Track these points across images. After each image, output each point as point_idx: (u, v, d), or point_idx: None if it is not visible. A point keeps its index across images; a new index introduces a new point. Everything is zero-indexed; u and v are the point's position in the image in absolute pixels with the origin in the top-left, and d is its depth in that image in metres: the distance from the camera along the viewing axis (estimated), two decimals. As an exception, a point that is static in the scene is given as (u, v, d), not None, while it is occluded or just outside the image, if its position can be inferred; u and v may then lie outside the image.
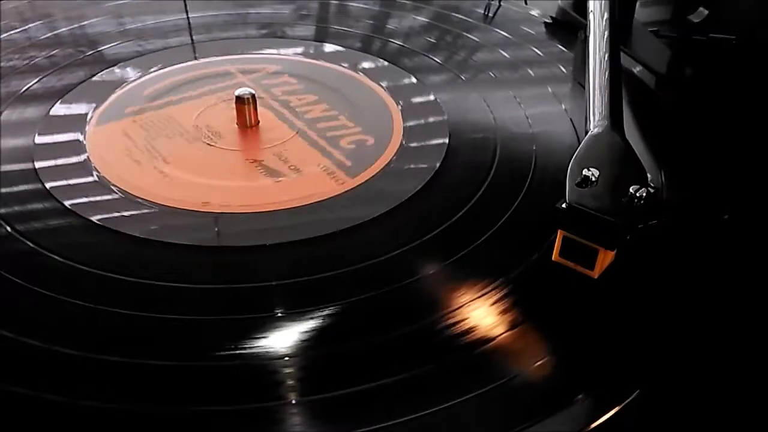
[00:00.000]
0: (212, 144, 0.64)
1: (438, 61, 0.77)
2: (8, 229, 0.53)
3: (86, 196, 0.57)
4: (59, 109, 0.68)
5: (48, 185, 0.57)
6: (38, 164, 0.60)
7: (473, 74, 0.75)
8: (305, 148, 0.63)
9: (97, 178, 0.59)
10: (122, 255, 0.51)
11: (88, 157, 0.61)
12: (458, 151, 0.63)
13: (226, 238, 0.54)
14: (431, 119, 0.68)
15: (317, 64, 0.77)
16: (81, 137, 0.64)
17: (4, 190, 0.57)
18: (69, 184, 0.58)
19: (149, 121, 0.66)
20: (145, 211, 0.56)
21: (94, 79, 0.73)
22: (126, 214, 0.55)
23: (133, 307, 0.47)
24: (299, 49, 0.79)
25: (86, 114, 0.67)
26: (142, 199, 0.57)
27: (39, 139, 0.63)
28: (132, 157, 0.62)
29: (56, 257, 0.51)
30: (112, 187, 0.58)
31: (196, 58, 0.77)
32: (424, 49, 0.79)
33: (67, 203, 0.56)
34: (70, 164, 0.61)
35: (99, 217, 0.54)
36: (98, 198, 0.57)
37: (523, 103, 0.70)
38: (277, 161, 0.62)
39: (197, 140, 0.64)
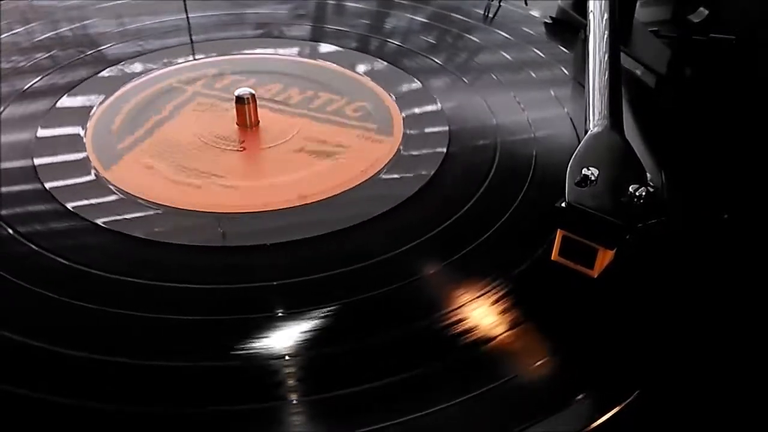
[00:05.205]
0: (242, 149, 0.63)
1: (438, 61, 0.77)
2: (10, 230, 0.53)
3: (89, 198, 0.57)
4: (61, 105, 0.68)
5: (47, 185, 0.58)
6: (38, 161, 0.60)
7: (473, 75, 0.75)
8: (326, 126, 0.64)
9: (120, 195, 0.58)
10: (123, 256, 0.51)
11: (121, 190, 0.58)
12: (458, 150, 0.63)
13: (227, 239, 0.54)
14: (431, 120, 0.67)
15: (267, 57, 0.77)
16: (82, 132, 0.64)
17: (4, 189, 0.58)
18: (70, 184, 0.58)
19: (153, 150, 0.62)
20: (150, 212, 0.56)
21: (94, 78, 0.72)
22: (129, 216, 0.55)
23: (132, 307, 0.47)
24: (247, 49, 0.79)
25: (89, 109, 0.67)
26: (143, 199, 0.57)
27: (41, 133, 0.63)
28: (184, 182, 0.59)
29: (58, 258, 0.51)
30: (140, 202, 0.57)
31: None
32: (423, 50, 0.79)
33: (69, 205, 0.56)
34: (68, 162, 0.61)
35: (105, 220, 0.55)
36: (103, 199, 0.57)
37: (523, 103, 0.70)
38: (317, 144, 0.62)
39: (225, 150, 0.63)
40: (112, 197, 0.57)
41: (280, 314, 0.47)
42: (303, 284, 0.49)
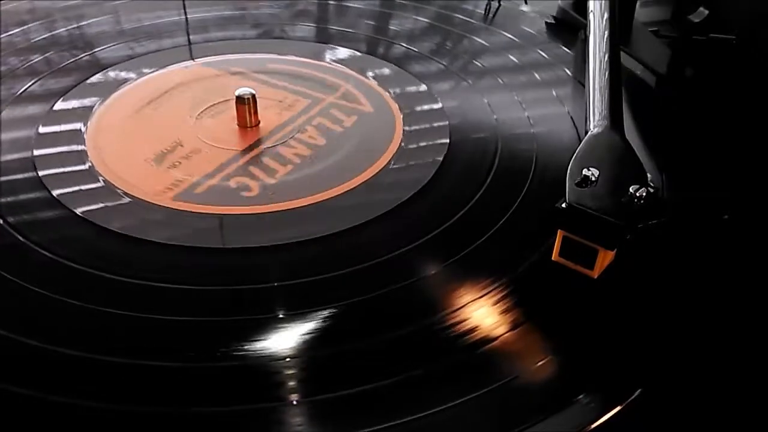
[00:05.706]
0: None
1: (441, 62, 0.77)
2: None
3: (77, 186, 0.57)
4: (58, 108, 0.68)
5: (45, 179, 0.58)
6: (37, 154, 0.60)
7: (474, 75, 0.75)
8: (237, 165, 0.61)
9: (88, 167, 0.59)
10: (122, 255, 0.51)
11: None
12: (459, 151, 0.63)
13: (227, 239, 0.54)
14: (433, 120, 0.68)
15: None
16: (81, 130, 0.64)
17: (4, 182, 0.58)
18: (64, 176, 0.58)
19: (185, 91, 0.71)
20: (150, 211, 0.56)
21: (92, 80, 0.72)
22: (120, 208, 0.56)
23: (133, 307, 0.47)
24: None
25: (89, 109, 0.67)
26: (134, 196, 0.57)
27: (40, 131, 0.64)
28: (124, 113, 0.67)
29: (46, 253, 0.51)
30: (112, 185, 0.58)
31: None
32: (429, 52, 0.79)
33: (56, 193, 0.56)
34: (67, 155, 0.61)
35: (84, 208, 0.55)
36: (89, 188, 0.58)
37: (524, 103, 0.70)
38: (192, 164, 0.61)
39: (190, 117, 0.67)
40: (112, 194, 0.57)
41: (281, 315, 0.47)
42: (304, 285, 0.49)
